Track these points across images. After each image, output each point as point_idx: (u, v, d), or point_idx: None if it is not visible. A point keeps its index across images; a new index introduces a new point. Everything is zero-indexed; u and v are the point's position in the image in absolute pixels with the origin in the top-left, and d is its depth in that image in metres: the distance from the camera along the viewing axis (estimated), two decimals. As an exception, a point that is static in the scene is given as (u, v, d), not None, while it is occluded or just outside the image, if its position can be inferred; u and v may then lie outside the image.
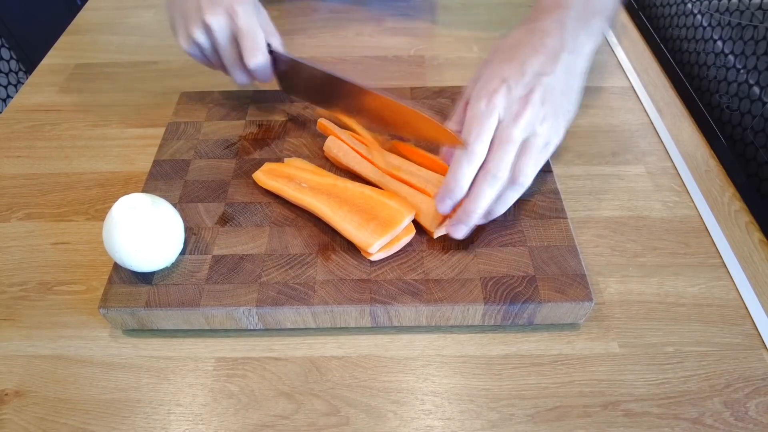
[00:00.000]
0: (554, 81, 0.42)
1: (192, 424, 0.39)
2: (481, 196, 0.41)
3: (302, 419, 0.39)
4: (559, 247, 0.45)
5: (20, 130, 0.61)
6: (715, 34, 0.68)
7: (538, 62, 0.42)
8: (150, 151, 0.56)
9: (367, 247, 0.43)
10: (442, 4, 0.79)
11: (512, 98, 0.41)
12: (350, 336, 0.44)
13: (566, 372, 0.42)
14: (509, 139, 0.41)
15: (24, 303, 0.46)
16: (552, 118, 0.42)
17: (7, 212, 0.53)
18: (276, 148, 0.54)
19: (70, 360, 0.43)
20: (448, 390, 0.41)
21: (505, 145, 0.41)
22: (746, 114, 0.61)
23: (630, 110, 0.62)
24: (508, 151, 0.41)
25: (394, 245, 0.44)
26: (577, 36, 0.44)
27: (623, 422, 0.39)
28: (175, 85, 0.66)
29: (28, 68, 1.07)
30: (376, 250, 0.43)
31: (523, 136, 0.41)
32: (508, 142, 0.41)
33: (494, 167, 0.40)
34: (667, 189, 0.54)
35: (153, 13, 0.78)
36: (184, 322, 0.43)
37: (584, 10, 0.44)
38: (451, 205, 0.42)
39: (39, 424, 0.40)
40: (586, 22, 0.44)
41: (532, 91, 0.41)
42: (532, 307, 0.42)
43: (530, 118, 0.41)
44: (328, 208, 0.45)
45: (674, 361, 0.42)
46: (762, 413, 0.39)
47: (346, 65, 0.68)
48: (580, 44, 0.44)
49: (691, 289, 0.46)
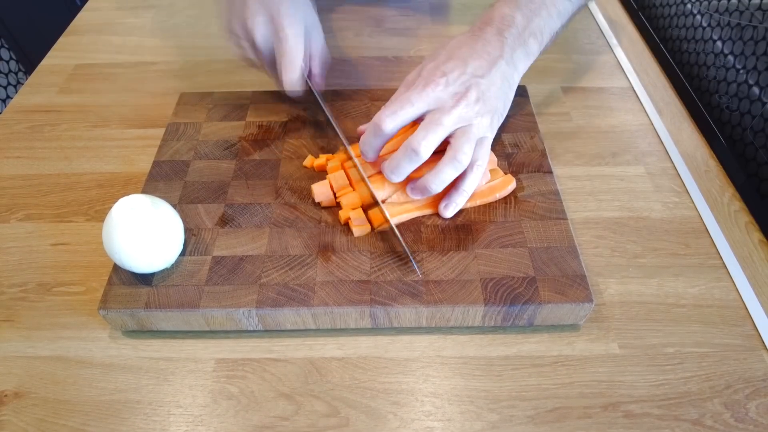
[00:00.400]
0: (489, 84, 0.46)
1: (192, 425, 0.39)
2: (399, 167, 0.44)
3: (302, 420, 0.39)
4: (559, 248, 0.45)
5: (20, 130, 0.61)
6: (715, 35, 0.68)
7: (477, 64, 0.46)
8: (150, 152, 0.56)
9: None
10: (442, 4, 0.79)
11: (447, 92, 0.44)
12: (350, 337, 0.44)
13: (566, 373, 0.42)
14: (436, 121, 0.43)
15: (23, 304, 0.46)
16: (486, 116, 0.45)
17: (7, 213, 0.53)
18: (276, 148, 0.54)
19: (70, 361, 0.43)
20: (448, 391, 0.41)
21: (428, 124, 0.44)
22: (746, 114, 0.61)
23: (630, 111, 0.62)
24: (430, 130, 0.43)
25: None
26: (515, 51, 0.48)
27: (623, 423, 0.39)
28: (175, 86, 0.66)
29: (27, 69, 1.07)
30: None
31: (455, 125, 0.44)
32: (433, 123, 0.44)
33: (412, 141, 0.43)
34: (666, 189, 0.54)
35: (153, 14, 0.78)
36: (184, 324, 0.43)
37: (524, 31, 0.48)
38: (367, 160, 0.47)
39: (38, 426, 0.39)
40: (524, 41, 0.48)
41: (469, 89, 0.45)
42: (532, 309, 0.42)
43: (463, 111, 0.44)
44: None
45: (674, 362, 0.42)
46: (762, 414, 0.39)
47: (346, 65, 0.68)
48: (516, 59, 0.48)
49: (691, 290, 0.46)
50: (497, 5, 0.50)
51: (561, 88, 0.65)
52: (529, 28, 0.48)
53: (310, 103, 0.57)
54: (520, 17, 0.48)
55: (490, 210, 0.48)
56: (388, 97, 0.58)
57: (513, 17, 0.48)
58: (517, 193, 0.49)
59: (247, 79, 0.66)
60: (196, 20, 0.77)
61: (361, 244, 0.45)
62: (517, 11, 0.48)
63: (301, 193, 0.50)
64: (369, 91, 0.60)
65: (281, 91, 0.52)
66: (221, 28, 0.53)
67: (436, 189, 0.45)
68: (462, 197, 0.46)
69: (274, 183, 0.51)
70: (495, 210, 0.48)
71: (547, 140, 0.57)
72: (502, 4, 0.49)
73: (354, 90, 0.60)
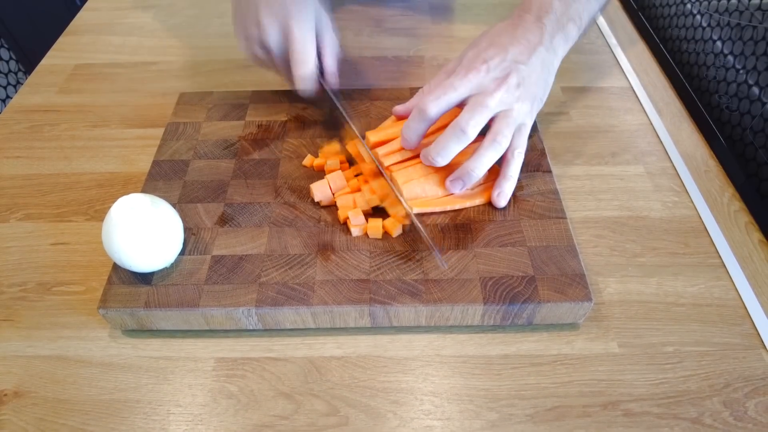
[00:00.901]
0: (530, 70, 0.46)
1: (191, 424, 0.39)
2: (446, 148, 0.45)
3: (302, 419, 0.39)
4: (558, 247, 0.45)
5: (19, 130, 0.61)
6: (715, 35, 0.68)
7: (518, 51, 0.46)
8: (149, 152, 0.56)
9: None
10: (442, 4, 0.79)
11: (489, 78, 0.46)
12: (350, 336, 0.44)
13: (566, 372, 0.42)
14: (481, 103, 0.45)
15: (23, 303, 0.46)
16: (526, 101, 0.46)
17: (7, 213, 0.53)
18: (275, 148, 0.54)
19: (70, 360, 0.43)
20: (447, 390, 0.41)
21: (473, 106, 0.45)
22: (746, 114, 0.61)
23: (629, 110, 0.62)
24: (476, 111, 0.44)
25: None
26: (554, 37, 0.48)
27: (623, 422, 0.39)
28: (174, 86, 0.66)
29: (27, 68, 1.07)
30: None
31: (498, 108, 0.45)
32: (478, 105, 0.45)
33: (460, 121, 0.44)
34: (666, 189, 0.54)
35: (153, 14, 0.78)
36: (184, 323, 0.43)
37: (562, 16, 0.49)
38: (408, 146, 0.48)
39: (38, 425, 0.39)
40: (563, 26, 0.49)
41: (509, 74, 0.45)
42: (531, 307, 0.42)
43: (504, 95, 0.45)
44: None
45: (673, 361, 0.42)
46: (761, 413, 0.39)
47: (346, 65, 0.68)
48: (556, 45, 0.49)
49: (690, 289, 0.46)
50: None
51: (560, 87, 0.65)
52: (567, 13, 0.49)
53: (323, 102, 0.57)
54: (558, 3, 0.48)
55: (490, 209, 0.48)
56: (388, 97, 0.59)
57: (551, 3, 0.48)
58: (516, 192, 0.49)
59: (246, 79, 0.67)
60: (196, 20, 0.77)
61: (361, 243, 0.45)
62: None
63: (300, 193, 0.50)
64: (369, 91, 0.60)
65: (294, 91, 0.53)
66: (234, 30, 0.54)
67: (479, 173, 0.46)
68: (510, 184, 0.47)
69: (274, 182, 0.51)
70: (494, 209, 0.48)
71: (547, 139, 0.57)
72: None
73: (354, 90, 0.60)
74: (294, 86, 0.52)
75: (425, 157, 0.46)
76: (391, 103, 0.56)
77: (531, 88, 0.47)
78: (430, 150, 0.46)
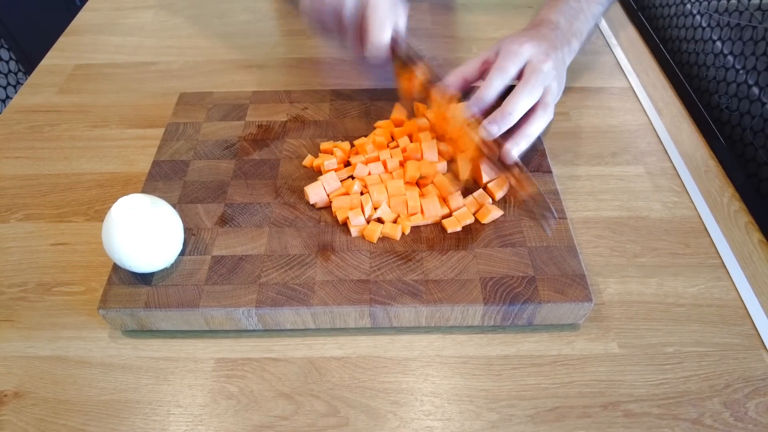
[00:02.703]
0: (557, 60, 0.51)
1: (191, 425, 0.39)
2: (518, 100, 0.48)
3: (302, 420, 0.39)
4: (558, 248, 0.45)
5: (19, 130, 0.61)
6: (715, 35, 0.68)
7: (546, 45, 0.51)
8: (149, 152, 0.56)
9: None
10: (442, 5, 0.79)
11: (539, 49, 0.50)
12: (350, 337, 0.44)
13: (566, 372, 0.42)
14: (541, 68, 0.49)
15: (23, 304, 0.46)
16: (555, 82, 0.51)
17: (7, 213, 0.53)
18: (275, 148, 0.54)
19: (70, 361, 0.43)
20: (447, 390, 0.41)
21: (538, 69, 0.49)
22: (745, 114, 0.61)
23: (629, 111, 0.62)
24: (541, 71, 0.49)
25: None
26: (562, 48, 0.53)
27: (623, 423, 0.39)
28: (174, 86, 0.66)
29: (27, 69, 1.07)
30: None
31: (548, 76, 0.50)
32: (540, 69, 0.49)
33: (530, 78, 0.49)
34: (666, 189, 0.54)
35: (153, 14, 0.78)
36: (184, 323, 0.43)
37: (567, 32, 0.55)
38: (477, 110, 0.50)
39: (38, 425, 0.39)
40: (568, 41, 0.55)
41: (548, 55, 0.50)
42: (531, 308, 0.42)
43: (552, 65, 0.50)
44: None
45: (674, 361, 0.42)
46: (761, 413, 0.39)
47: (346, 65, 0.68)
48: (564, 55, 0.54)
49: (690, 290, 0.46)
50: (541, 12, 0.57)
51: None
52: (571, 29, 0.55)
53: (386, 69, 0.56)
54: (563, 21, 0.55)
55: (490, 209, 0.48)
56: (388, 96, 0.59)
57: (558, 21, 0.55)
58: (516, 192, 0.49)
59: (247, 79, 0.67)
60: (196, 20, 0.77)
61: (361, 244, 0.45)
62: (560, 16, 0.55)
63: (300, 193, 0.50)
64: (369, 90, 0.60)
65: (360, 57, 0.52)
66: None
67: (515, 117, 0.48)
68: (526, 142, 0.49)
69: (274, 183, 0.51)
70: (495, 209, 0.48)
71: (547, 140, 0.57)
72: (546, 11, 0.56)
73: (354, 90, 0.60)
74: (361, 52, 0.52)
75: (497, 117, 0.48)
76: (392, 103, 0.56)
77: (559, 73, 0.52)
78: (504, 106, 0.48)
